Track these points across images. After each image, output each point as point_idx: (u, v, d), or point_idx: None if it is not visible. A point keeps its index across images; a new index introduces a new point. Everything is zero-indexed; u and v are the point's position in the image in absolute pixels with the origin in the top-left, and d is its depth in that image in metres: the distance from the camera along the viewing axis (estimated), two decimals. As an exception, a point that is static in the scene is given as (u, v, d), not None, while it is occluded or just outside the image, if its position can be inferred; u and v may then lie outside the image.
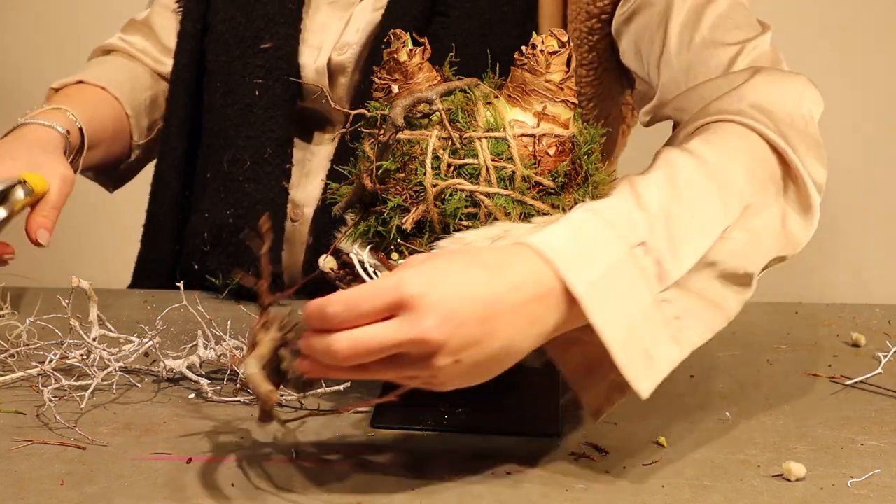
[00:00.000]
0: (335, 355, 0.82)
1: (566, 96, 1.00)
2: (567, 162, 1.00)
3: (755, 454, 0.97)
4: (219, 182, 1.39)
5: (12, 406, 1.05)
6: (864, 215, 1.97)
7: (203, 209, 1.41)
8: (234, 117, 1.38)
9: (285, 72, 1.36)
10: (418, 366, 0.84)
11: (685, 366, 1.16)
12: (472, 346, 0.84)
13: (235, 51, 1.38)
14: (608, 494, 0.90)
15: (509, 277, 0.86)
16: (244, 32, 1.38)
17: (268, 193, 1.35)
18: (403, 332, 0.82)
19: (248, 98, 1.37)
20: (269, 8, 1.38)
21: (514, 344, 0.86)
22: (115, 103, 1.44)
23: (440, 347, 0.83)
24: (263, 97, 1.36)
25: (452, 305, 0.83)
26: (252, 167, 1.36)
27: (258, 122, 1.36)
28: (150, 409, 1.05)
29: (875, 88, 1.94)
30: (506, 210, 0.97)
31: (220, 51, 1.40)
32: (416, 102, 0.97)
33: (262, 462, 0.94)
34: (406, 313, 0.82)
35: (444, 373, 0.85)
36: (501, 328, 0.85)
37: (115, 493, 0.89)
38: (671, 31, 1.18)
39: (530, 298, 0.86)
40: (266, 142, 1.36)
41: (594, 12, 1.27)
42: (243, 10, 1.39)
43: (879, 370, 1.16)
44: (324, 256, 1.03)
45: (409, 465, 0.94)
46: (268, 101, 1.36)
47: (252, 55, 1.37)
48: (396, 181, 0.98)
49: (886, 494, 0.91)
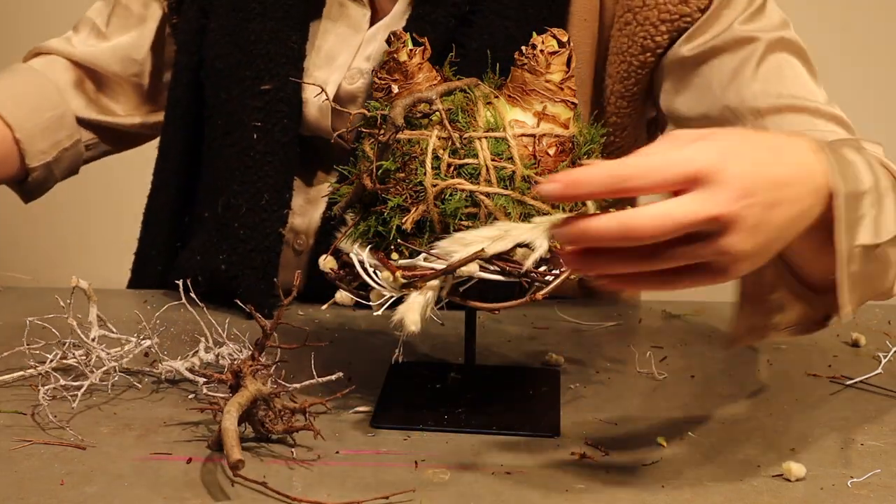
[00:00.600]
0: (636, 231, 0.78)
1: (566, 96, 1.00)
2: (567, 162, 1.00)
3: (755, 454, 0.97)
4: (211, 225, 1.34)
5: (12, 406, 1.05)
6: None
7: (195, 250, 1.36)
8: (230, 160, 1.32)
9: (285, 115, 1.29)
10: (705, 247, 0.81)
11: (685, 366, 1.17)
12: (761, 225, 0.82)
13: (234, 91, 1.32)
14: (608, 494, 0.90)
15: (790, 162, 0.87)
16: (243, 72, 1.31)
17: (262, 241, 1.29)
18: (702, 206, 0.79)
19: (244, 141, 1.30)
20: (269, 46, 1.30)
21: (787, 230, 0.86)
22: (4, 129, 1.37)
23: (734, 224, 0.80)
24: (262, 141, 1.29)
25: (747, 183, 0.81)
26: (247, 213, 1.30)
27: (255, 167, 1.30)
28: (150, 409, 1.05)
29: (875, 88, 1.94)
30: (506, 210, 0.97)
31: (218, 88, 1.34)
32: (416, 102, 0.97)
33: (262, 462, 0.94)
34: (701, 188, 0.79)
35: (733, 253, 0.81)
36: (783, 213, 0.84)
37: (115, 493, 0.89)
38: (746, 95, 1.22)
39: (806, 190, 0.87)
40: (263, 188, 1.29)
41: (650, 46, 1.25)
42: (241, 48, 1.32)
43: (879, 370, 1.16)
44: (324, 256, 1.03)
45: (409, 465, 0.94)
46: (266, 146, 1.29)
47: (251, 96, 1.30)
48: (396, 181, 0.98)
49: (886, 494, 0.91)
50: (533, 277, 0.96)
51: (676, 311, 1.34)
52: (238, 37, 1.33)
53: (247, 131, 1.30)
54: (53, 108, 1.42)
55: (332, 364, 1.14)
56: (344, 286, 1.01)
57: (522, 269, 0.95)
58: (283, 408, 0.97)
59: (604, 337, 1.26)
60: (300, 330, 1.10)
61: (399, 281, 0.95)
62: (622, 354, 1.20)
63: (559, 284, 0.96)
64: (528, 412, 1.04)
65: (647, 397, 1.09)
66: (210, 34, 1.36)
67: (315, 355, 1.08)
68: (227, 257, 1.31)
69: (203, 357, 1.10)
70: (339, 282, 1.01)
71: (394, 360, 1.12)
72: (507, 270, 0.95)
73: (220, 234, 1.33)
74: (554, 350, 1.19)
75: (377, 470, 0.93)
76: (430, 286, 0.95)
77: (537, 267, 0.96)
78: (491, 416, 1.03)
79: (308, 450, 0.96)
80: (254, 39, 1.31)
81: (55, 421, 1.01)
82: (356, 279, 0.99)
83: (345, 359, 1.17)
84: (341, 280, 1.01)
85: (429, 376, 1.11)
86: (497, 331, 1.26)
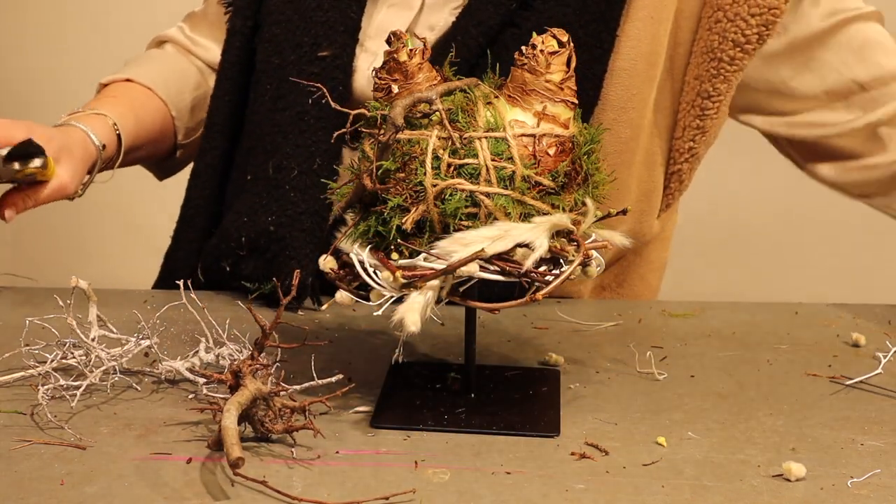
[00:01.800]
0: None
1: (566, 96, 1.00)
2: (567, 162, 1.00)
3: (755, 454, 0.97)
4: (261, 187, 1.36)
5: (12, 406, 1.05)
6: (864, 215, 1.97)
7: (241, 212, 1.37)
8: (283, 124, 1.34)
9: (340, 81, 1.32)
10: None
11: (685, 366, 1.17)
12: None
13: (290, 56, 1.34)
14: (608, 494, 0.90)
15: None
16: (301, 38, 1.34)
17: (313, 204, 1.31)
18: None
19: (299, 105, 1.33)
20: (329, 14, 1.33)
21: None
22: (161, 105, 1.43)
23: None
24: (316, 105, 1.32)
25: None
26: (299, 176, 1.32)
27: (309, 131, 1.32)
28: (150, 409, 1.05)
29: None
30: (506, 210, 0.97)
31: (272, 53, 1.36)
32: (416, 102, 0.97)
33: (262, 462, 0.94)
34: None
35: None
36: None
37: (115, 493, 0.89)
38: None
39: None
40: (316, 152, 1.32)
41: (740, 41, 1.27)
42: (301, 14, 1.35)
43: (879, 370, 1.16)
44: (324, 256, 1.03)
45: (409, 465, 0.94)
46: (320, 111, 1.32)
47: (308, 62, 1.33)
48: (396, 181, 0.98)
49: (886, 494, 0.91)
50: (533, 277, 0.96)
51: (676, 311, 1.34)
52: (299, 3, 1.36)
53: (301, 96, 1.33)
54: (196, 88, 1.48)
55: (332, 364, 1.14)
56: (344, 286, 1.01)
57: (522, 269, 0.95)
58: (282, 407, 0.97)
59: (604, 337, 1.26)
60: (300, 330, 1.10)
61: (399, 281, 0.95)
62: (622, 354, 1.20)
63: (559, 284, 0.97)
64: (528, 412, 1.04)
65: (647, 397, 1.09)
66: (269, 1, 1.39)
67: (315, 355, 1.08)
68: (276, 219, 1.33)
69: (203, 357, 1.10)
70: (339, 282, 1.01)
71: (394, 360, 1.12)
72: (507, 270, 0.95)
73: (269, 195, 1.35)
74: (554, 350, 1.19)
75: (377, 470, 0.93)
76: (430, 286, 0.95)
77: (537, 267, 0.96)
78: (491, 416, 1.03)
79: (308, 449, 0.96)
80: (314, 7, 1.35)
81: (55, 421, 1.01)
82: (356, 279, 0.99)
83: (345, 359, 1.17)
84: (341, 280, 1.01)
85: (429, 376, 1.11)
86: (497, 331, 1.26)
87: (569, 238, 0.99)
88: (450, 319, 1.22)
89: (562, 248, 0.98)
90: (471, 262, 0.94)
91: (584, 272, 1.01)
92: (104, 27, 2.32)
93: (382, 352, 1.18)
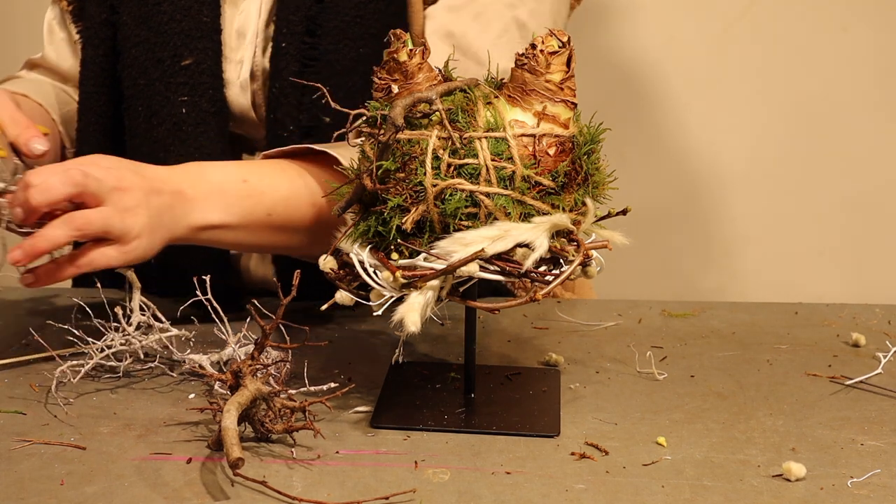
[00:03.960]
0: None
1: (566, 96, 1.00)
2: (567, 162, 1.00)
3: (755, 454, 0.97)
4: None
5: (12, 406, 1.05)
6: (864, 215, 1.97)
7: None
8: (162, 138, 1.35)
9: (210, 85, 1.34)
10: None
11: (685, 366, 1.17)
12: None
13: (154, 72, 1.35)
14: (608, 494, 0.90)
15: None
16: (161, 53, 1.35)
17: None
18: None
19: (174, 117, 1.34)
20: (183, 24, 1.35)
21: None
22: (49, 117, 1.42)
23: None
24: (191, 114, 1.34)
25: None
26: None
27: (189, 140, 1.34)
28: (150, 409, 1.05)
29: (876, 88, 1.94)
30: (506, 210, 0.97)
31: (137, 75, 1.37)
32: (416, 102, 0.97)
33: (262, 462, 0.94)
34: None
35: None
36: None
37: (115, 493, 0.89)
38: None
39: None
40: (199, 159, 1.30)
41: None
42: (156, 30, 1.36)
43: (879, 370, 1.16)
44: (324, 256, 1.03)
45: (409, 465, 0.94)
46: (196, 118, 1.34)
47: (173, 73, 1.34)
48: (396, 181, 0.98)
49: (886, 494, 0.91)
50: (533, 277, 0.96)
51: (676, 311, 1.34)
52: (151, 21, 1.36)
53: (174, 107, 1.34)
54: (68, 103, 1.47)
55: (332, 364, 1.14)
56: (344, 286, 1.01)
57: (522, 269, 0.95)
58: (283, 407, 0.97)
59: (604, 337, 1.26)
60: (300, 330, 1.10)
61: (399, 281, 0.95)
62: (622, 354, 1.20)
63: (559, 284, 0.97)
64: (528, 412, 1.04)
65: (647, 397, 1.09)
66: (122, 27, 1.39)
67: (315, 355, 1.08)
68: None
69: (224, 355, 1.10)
70: (339, 282, 1.01)
71: (394, 360, 1.12)
72: (507, 270, 0.95)
73: None
74: (554, 350, 1.19)
75: (377, 470, 0.93)
76: (430, 286, 0.95)
77: (537, 267, 0.96)
78: (491, 416, 1.03)
79: (308, 449, 0.96)
80: (167, 20, 1.36)
81: (55, 421, 1.01)
82: (356, 279, 0.99)
83: (345, 359, 1.17)
84: (341, 280, 1.01)
85: (429, 376, 1.11)
86: (497, 331, 1.26)
87: (569, 238, 0.99)
88: (450, 319, 1.22)
89: (562, 248, 0.98)
90: (471, 262, 0.94)
91: (584, 272, 1.01)
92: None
93: (382, 352, 1.18)
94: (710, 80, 1.96)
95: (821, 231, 1.98)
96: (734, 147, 1.98)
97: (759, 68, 1.94)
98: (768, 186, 1.98)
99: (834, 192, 1.97)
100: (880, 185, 1.97)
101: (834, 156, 1.96)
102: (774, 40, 1.93)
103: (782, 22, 1.92)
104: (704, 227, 2.01)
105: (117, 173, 1.11)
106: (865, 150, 1.96)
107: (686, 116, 1.97)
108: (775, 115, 1.95)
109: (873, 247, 2.00)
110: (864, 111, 1.95)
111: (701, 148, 1.98)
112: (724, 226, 2.01)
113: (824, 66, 1.93)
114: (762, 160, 1.98)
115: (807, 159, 1.96)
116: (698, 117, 1.97)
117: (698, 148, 1.98)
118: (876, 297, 1.45)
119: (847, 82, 1.94)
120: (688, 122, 1.97)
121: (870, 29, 1.93)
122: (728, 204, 2.00)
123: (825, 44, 1.93)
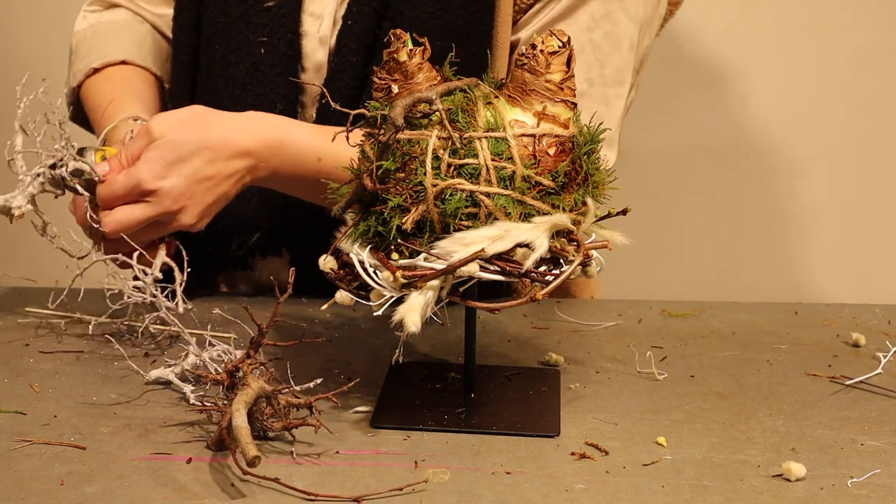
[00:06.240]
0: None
1: (566, 96, 1.00)
2: (567, 162, 1.00)
3: (755, 454, 0.97)
4: None
5: (12, 406, 1.05)
6: (864, 215, 1.98)
7: None
8: (239, 77, 1.37)
9: (289, 30, 1.36)
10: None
11: (685, 366, 1.17)
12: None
13: (236, 11, 1.38)
14: (608, 494, 0.90)
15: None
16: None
17: None
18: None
19: (253, 57, 1.37)
20: None
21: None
22: (156, 82, 1.46)
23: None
24: (269, 55, 1.36)
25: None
26: None
27: (267, 80, 1.36)
28: (150, 409, 1.05)
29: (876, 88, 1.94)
30: (506, 210, 0.97)
31: (218, 13, 1.39)
32: (416, 102, 0.97)
33: (263, 462, 0.94)
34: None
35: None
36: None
37: (115, 493, 0.89)
38: None
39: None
40: (276, 98, 1.36)
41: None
42: None
43: (879, 370, 1.16)
44: (324, 256, 1.03)
45: (409, 465, 0.94)
46: (273, 59, 1.36)
47: (254, 13, 1.37)
48: (396, 181, 0.98)
49: (886, 494, 0.91)
50: (533, 277, 0.96)
51: (676, 311, 1.34)
52: None
53: (253, 47, 1.36)
54: (163, 50, 1.50)
55: (332, 364, 1.14)
56: (344, 286, 1.01)
57: (522, 269, 0.95)
58: (287, 404, 0.96)
59: (604, 337, 1.26)
60: (297, 327, 1.10)
61: (399, 281, 0.95)
62: (622, 354, 1.20)
63: (559, 284, 0.97)
64: (528, 412, 1.04)
65: (647, 397, 1.09)
66: None
67: (315, 355, 1.08)
68: None
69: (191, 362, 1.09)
70: (339, 282, 1.01)
71: (394, 360, 1.12)
72: (507, 270, 0.95)
73: None
74: (554, 350, 1.19)
75: (377, 470, 0.93)
76: (430, 286, 0.95)
77: (537, 267, 0.96)
78: (491, 416, 1.03)
79: (308, 445, 0.96)
80: None
81: (55, 421, 1.01)
82: (356, 279, 0.99)
83: (345, 359, 1.17)
84: (341, 280, 1.01)
85: (429, 376, 1.11)
86: (497, 331, 1.26)
87: (569, 238, 0.99)
88: (449, 319, 1.22)
89: (562, 248, 0.98)
90: (471, 262, 0.94)
91: (584, 272, 1.01)
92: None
93: (382, 352, 1.18)
94: (710, 78, 1.96)
95: (821, 231, 1.99)
96: (734, 147, 1.98)
97: (755, 67, 1.94)
98: (768, 186, 1.98)
99: (834, 192, 1.97)
100: (880, 185, 1.97)
101: (833, 155, 1.96)
102: (776, 39, 1.93)
103: (782, 22, 1.92)
104: (705, 227, 2.01)
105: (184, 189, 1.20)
106: (865, 149, 1.96)
107: (684, 115, 1.97)
108: (775, 115, 1.95)
109: (873, 247, 2.00)
110: (863, 112, 1.95)
111: (701, 147, 1.98)
112: (725, 226, 2.01)
113: (825, 65, 1.93)
114: (762, 160, 1.98)
115: (807, 159, 1.96)
116: (697, 116, 1.97)
117: (698, 148, 1.98)
118: (876, 297, 1.45)
119: (842, 83, 1.94)
120: (686, 121, 1.97)
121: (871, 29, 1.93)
122: (728, 204, 2.00)
123: (827, 44, 1.93)
